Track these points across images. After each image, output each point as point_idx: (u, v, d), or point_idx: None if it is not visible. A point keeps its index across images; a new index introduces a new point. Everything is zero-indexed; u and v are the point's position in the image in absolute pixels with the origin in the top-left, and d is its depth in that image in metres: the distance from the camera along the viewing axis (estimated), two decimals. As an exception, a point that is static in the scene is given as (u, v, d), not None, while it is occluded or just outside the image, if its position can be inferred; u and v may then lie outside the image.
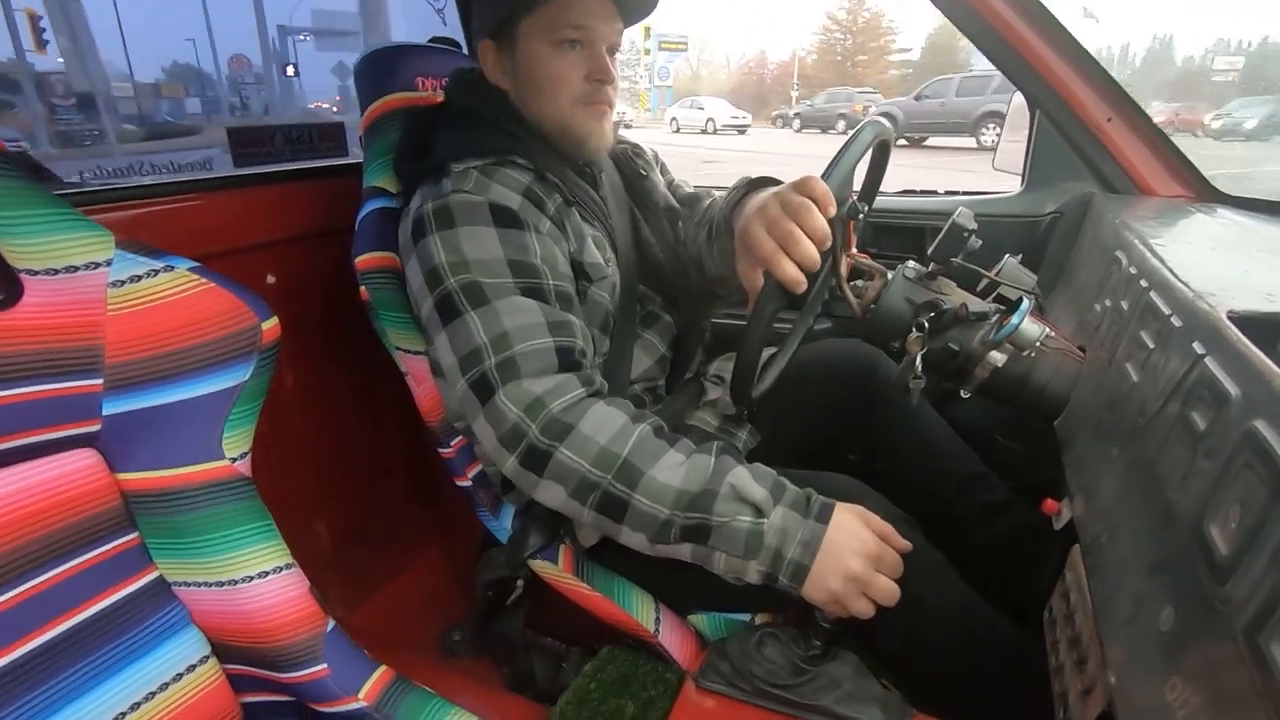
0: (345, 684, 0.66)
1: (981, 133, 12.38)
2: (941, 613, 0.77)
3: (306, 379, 1.16)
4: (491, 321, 0.74)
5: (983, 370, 0.79)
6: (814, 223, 0.68)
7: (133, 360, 0.58)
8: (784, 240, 0.68)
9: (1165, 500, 0.45)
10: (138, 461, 0.60)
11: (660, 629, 0.86)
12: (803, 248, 0.68)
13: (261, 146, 1.17)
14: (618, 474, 0.69)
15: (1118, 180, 1.14)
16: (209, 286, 0.60)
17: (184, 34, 2.13)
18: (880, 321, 0.84)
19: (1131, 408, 0.56)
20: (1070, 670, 0.54)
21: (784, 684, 0.73)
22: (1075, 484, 0.66)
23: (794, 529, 0.68)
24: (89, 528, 0.58)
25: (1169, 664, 0.38)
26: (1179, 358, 0.50)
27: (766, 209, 0.71)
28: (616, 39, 0.88)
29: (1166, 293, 0.59)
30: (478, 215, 0.78)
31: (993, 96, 12.11)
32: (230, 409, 0.62)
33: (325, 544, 1.27)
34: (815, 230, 0.68)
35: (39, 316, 0.53)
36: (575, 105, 0.86)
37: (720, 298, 1.09)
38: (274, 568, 0.64)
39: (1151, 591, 0.43)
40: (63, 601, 0.56)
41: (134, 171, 5.00)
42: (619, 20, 0.87)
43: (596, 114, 0.87)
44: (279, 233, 1.09)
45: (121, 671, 0.58)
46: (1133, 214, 0.94)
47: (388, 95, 0.95)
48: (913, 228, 1.32)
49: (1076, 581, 0.58)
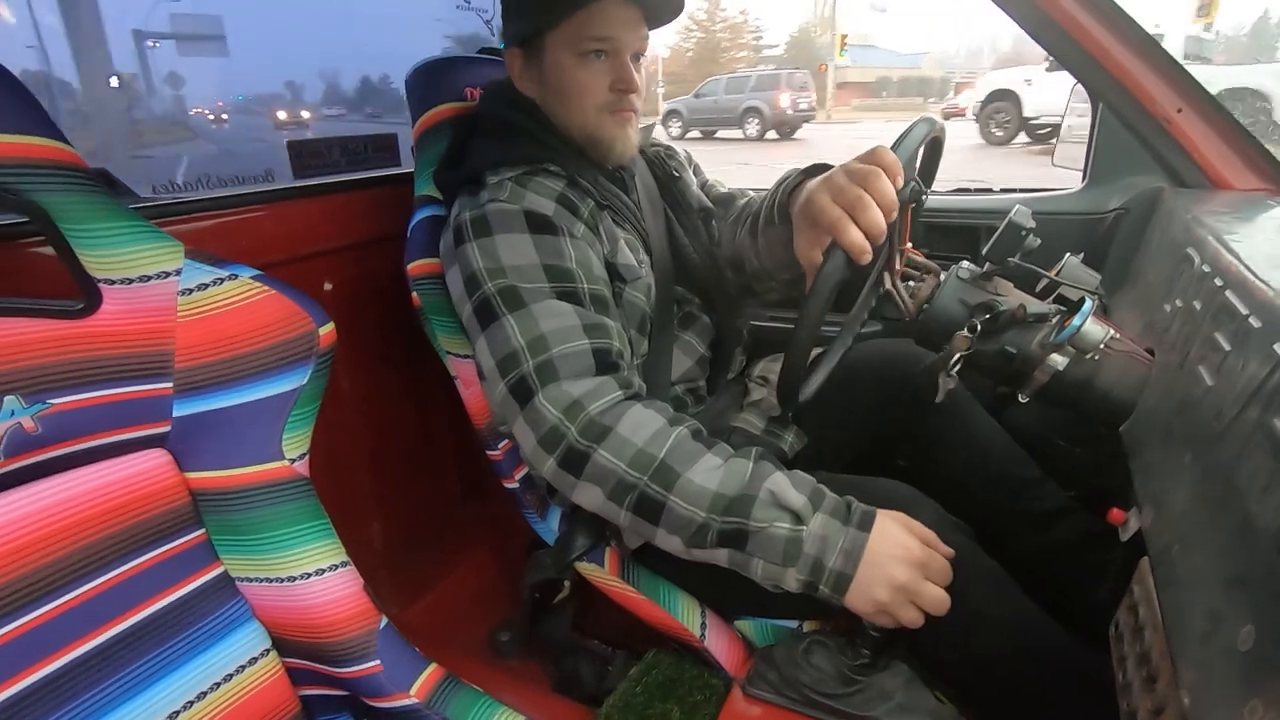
0: (398, 680, 0.68)
1: (745, 125, 14.68)
2: (996, 622, 0.75)
3: (361, 382, 1.20)
4: (528, 325, 0.76)
5: (1042, 374, 0.76)
6: (883, 188, 0.67)
7: (200, 364, 0.61)
8: (852, 206, 0.67)
9: (1244, 511, 0.42)
10: (204, 461, 0.63)
11: (706, 634, 0.85)
12: (871, 214, 0.67)
13: (319, 158, 1.22)
14: (654, 475, 0.69)
15: (1188, 174, 1.08)
16: (270, 293, 0.63)
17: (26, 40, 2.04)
18: (932, 323, 0.82)
19: (1206, 413, 0.53)
20: (1139, 688, 0.51)
21: (833, 693, 0.71)
22: (1144, 493, 0.63)
23: (834, 537, 0.66)
24: (159, 524, 0.61)
25: (1248, 686, 0.36)
26: (1258, 360, 0.47)
27: (832, 178, 0.71)
28: (642, 45, 0.89)
29: (1244, 291, 0.56)
30: (513, 223, 0.80)
31: (751, 94, 14.57)
32: (290, 411, 0.65)
33: (378, 543, 1.30)
34: (884, 197, 0.67)
35: (116, 323, 0.57)
36: (600, 114, 0.88)
37: (758, 295, 1.07)
38: (330, 565, 0.66)
39: (1229, 608, 0.41)
40: (134, 595, 0.59)
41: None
42: (643, 26, 0.88)
43: (621, 121, 0.89)
44: (336, 241, 1.13)
45: (188, 663, 0.61)
46: (1205, 209, 0.89)
47: (438, 106, 0.98)
48: (966, 227, 1.28)
49: (1145, 595, 0.55)
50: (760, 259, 0.99)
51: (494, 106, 0.93)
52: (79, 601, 0.55)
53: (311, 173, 1.19)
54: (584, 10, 0.83)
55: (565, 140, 0.90)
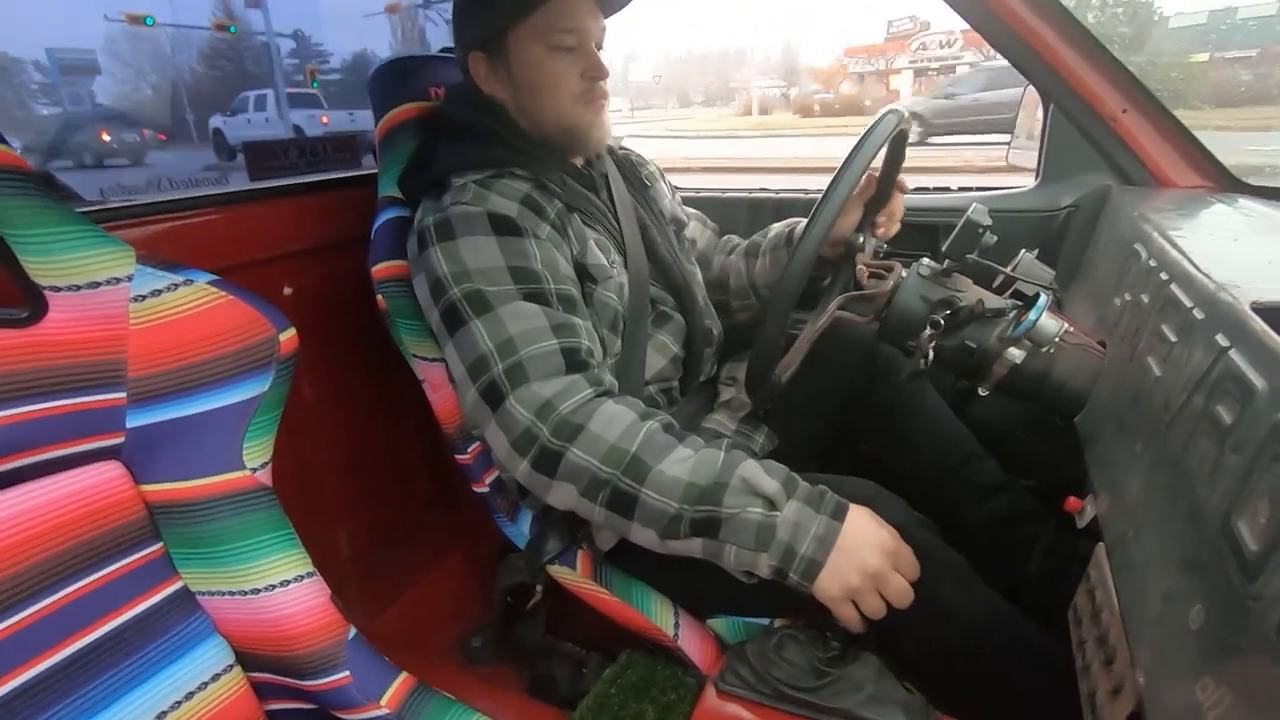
0: (367, 691, 0.66)
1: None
2: (962, 614, 0.77)
3: (325, 388, 1.17)
4: (496, 328, 0.75)
5: (1000, 367, 0.78)
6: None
7: (155, 373, 0.59)
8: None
9: (1192, 496, 0.44)
10: (161, 473, 0.61)
11: (680, 633, 0.86)
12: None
13: (276, 160, 1.19)
14: (627, 469, 0.70)
15: (1134, 172, 1.12)
16: (227, 299, 0.61)
17: None
18: (895, 320, 0.83)
19: (1155, 403, 0.55)
20: (1098, 670, 0.53)
21: (805, 687, 0.72)
22: (1098, 481, 0.65)
23: (807, 524, 0.68)
24: (115, 539, 0.59)
25: (1200, 663, 0.37)
26: (1202, 351, 0.49)
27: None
28: (602, 34, 0.91)
29: (1188, 285, 0.58)
30: (477, 225, 0.80)
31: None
32: (250, 420, 0.63)
33: (346, 552, 1.28)
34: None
35: (63, 332, 0.54)
36: (576, 104, 0.89)
37: (731, 313, 1.14)
38: (295, 576, 0.65)
39: (1180, 590, 0.42)
40: (90, 613, 0.57)
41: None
42: (600, 15, 0.90)
43: (596, 108, 0.90)
44: (295, 244, 1.10)
45: (148, 681, 0.59)
46: (1151, 206, 0.92)
47: (402, 105, 0.96)
48: (926, 225, 1.31)
49: (1102, 579, 0.57)
50: (750, 276, 1.08)
51: (458, 110, 0.92)
52: (32, 620, 0.53)
53: (268, 174, 1.16)
54: (549, 3, 0.83)
55: (533, 142, 0.90)
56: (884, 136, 0.79)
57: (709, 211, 1.25)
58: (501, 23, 0.86)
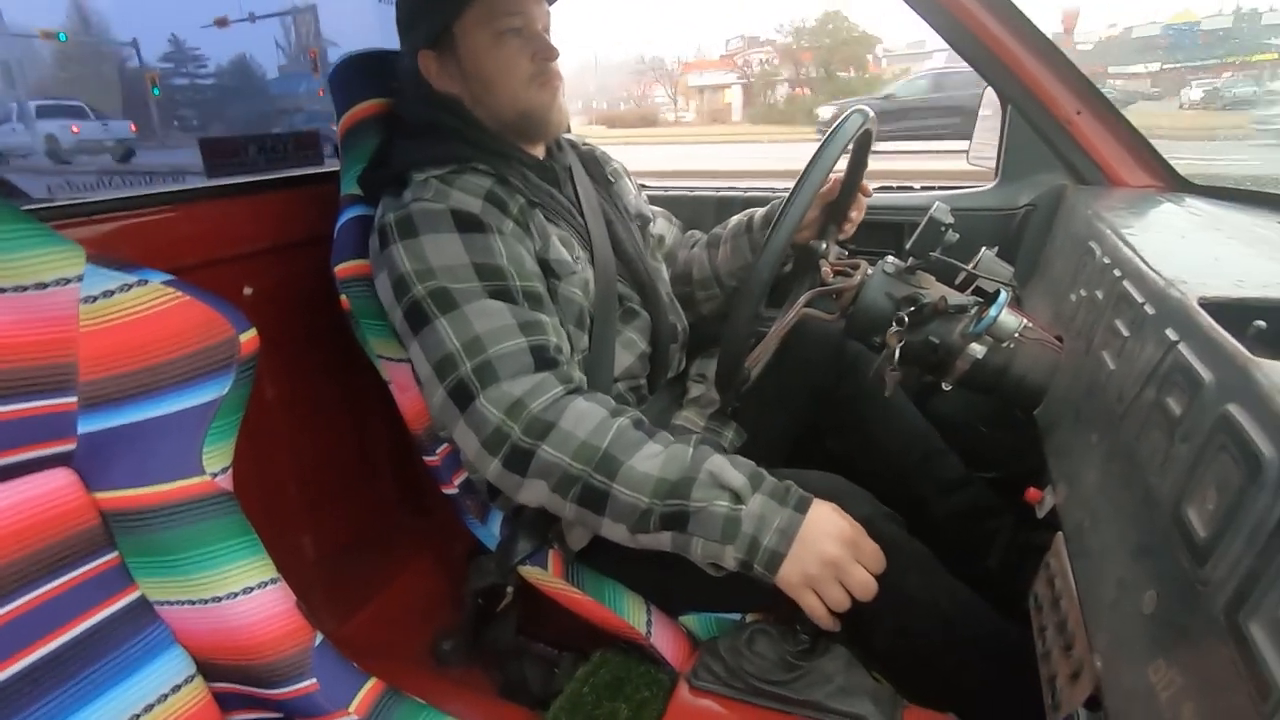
0: (335, 698, 0.65)
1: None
2: (928, 605, 0.78)
3: (289, 390, 1.15)
4: (462, 326, 0.75)
5: (963, 362, 0.80)
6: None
7: (107, 377, 0.57)
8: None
9: (1145, 485, 0.45)
10: (115, 480, 0.59)
11: (652, 631, 0.86)
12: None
13: (234, 157, 1.16)
14: (598, 466, 0.70)
15: (1088, 172, 1.15)
16: (184, 299, 0.59)
17: None
18: (861, 316, 0.85)
19: (1109, 395, 0.57)
20: (1057, 655, 0.54)
21: (776, 680, 0.73)
22: (1057, 472, 0.67)
23: (771, 516, 0.68)
24: (67, 549, 0.57)
25: (1153, 646, 0.38)
26: (1153, 345, 0.51)
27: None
28: (547, 19, 0.91)
29: (1139, 281, 0.60)
30: (439, 222, 0.79)
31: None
32: (210, 423, 0.61)
33: (312, 557, 1.25)
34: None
35: (8, 335, 0.52)
36: (529, 87, 0.88)
37: (696, 304, 1.13)
38: (258, 583, 0.63)
39: (1134, 576, 0.44)
40: (42, 626, 0.55)
41: None
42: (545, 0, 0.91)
43: (551, 90, 0.90)
44: (256, 243, 1.08)
45: (105, 694, 0.57)
46: (1104, 205, 0.95)
47: (364, 101, 0.95)
48: (890, 223, 1.33)
49: (1060, 567, 0.59)
50: (713, 265, 1.09)
51: (414, 108, 0.91)
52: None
53: (226, 171, 1.13)
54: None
55: (492, 136, 0.89)
56: (849, 136, 0.80)
57: (677, 210, 1.26)
58: (446, 16, 0.85)
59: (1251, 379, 0.37)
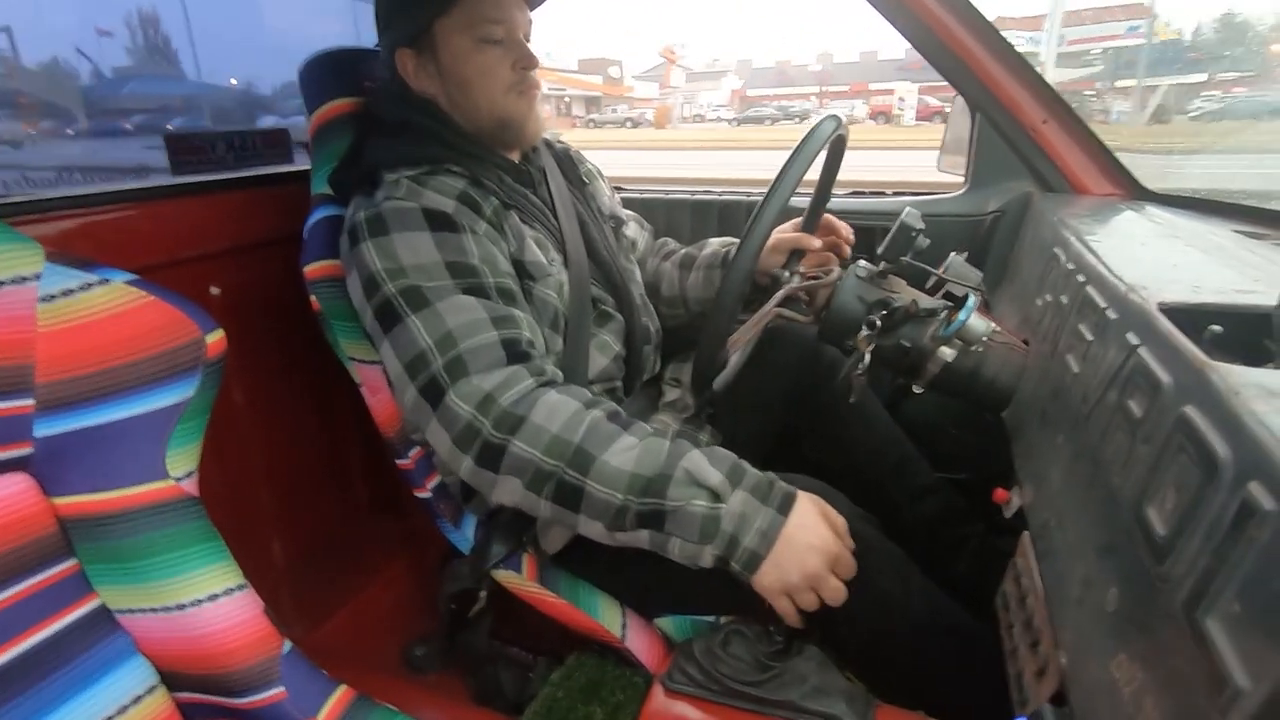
0: (304, 706, 0.64)
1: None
2: (901, 606, 0.79)
3: (257, 392, 1.13)
4: (434, 323, 0.74)
5: (934, 365, 0.81)
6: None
7: (67, 379, 0.55)
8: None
9: (1108, 485, 0.46)
10: (74, 484, 0.57)
11: (627, 634, 0.86)
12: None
13: (200, 154, 1.13)
14: (571, 461, 0.69)
15: (1054, 180, 1.18)
16: (148, 299, 0.58)
17: None
18: (835, 320, 0.86)
19: (1074, 398, 0.59)
20: (1024, 653, 0.56)
21: (751, 681, 0.73)
22: (1024, 472, 0.68)
23: (753, 515, 0.68)
24: (22, 557, 0.55)
25: (1115, 642, 0.39)
26: (1116, 348, 0.52)
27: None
28: (529, 26, 0.91)
29: (1102, 287, 0.61)
30: (411, 221, 0.78)
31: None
32: (174, 426, 0.60)
33: (281, 563, 1.22)
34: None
35: (-38, 335, 0.50)
36: (508, 95, 0.88)
37: (662, 319, 1.13)
38: (224, 590, 0.62)
39: (1098, 574, 0.45)
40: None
41: None
42: (526, 7, 0.90)
43: (530, 100, 0.90)
44: (223, 242, 1.05)
45: (63, 706, 0.55)
46: (1069, 212, 0.97)
47: (335, 100, 0.93)
48: (862, 228, 1.35)
49: (1027, 566, 0.60)
50: (682, 287, 1.10)
51: (390, 108, 0.89)
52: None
53: (191, 169, 1.11)
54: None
55: (467, 138, 0.89)
56: (821, 141, 0.81)
57: (653, 214, 1.26)
58: (427, 17, 0.84)
59: (1208, 382, 0.38)
